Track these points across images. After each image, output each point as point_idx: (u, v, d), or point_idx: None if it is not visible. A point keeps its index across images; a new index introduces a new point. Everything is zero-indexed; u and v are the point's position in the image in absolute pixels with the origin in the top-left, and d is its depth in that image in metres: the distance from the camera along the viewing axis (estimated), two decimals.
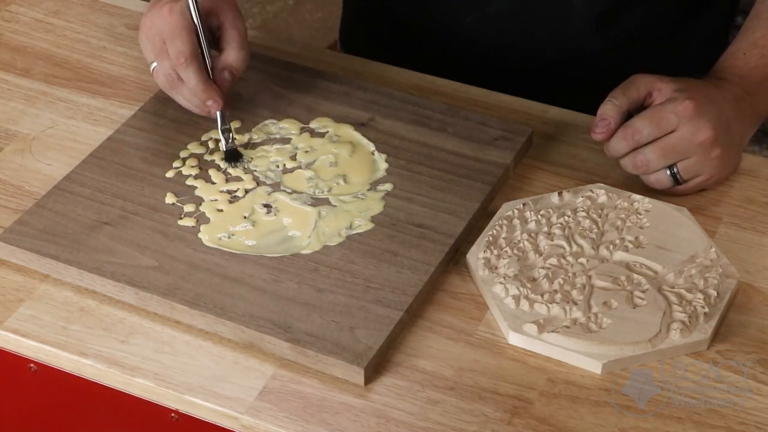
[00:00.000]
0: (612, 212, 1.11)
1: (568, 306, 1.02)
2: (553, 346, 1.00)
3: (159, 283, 1.03)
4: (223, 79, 1.15)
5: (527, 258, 1.07)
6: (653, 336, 1.00)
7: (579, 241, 1.08)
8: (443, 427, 0.96)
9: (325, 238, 1.08)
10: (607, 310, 1.02)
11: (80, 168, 1.15)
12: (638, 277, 1.05)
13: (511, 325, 1.02)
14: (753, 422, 0.96)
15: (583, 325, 1.01)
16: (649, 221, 1.10)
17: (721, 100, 1.11)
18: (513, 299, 1.03)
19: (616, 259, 1.07)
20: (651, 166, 1.11)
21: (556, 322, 1.01)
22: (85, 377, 1.02)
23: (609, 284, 1.04)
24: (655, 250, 1.07)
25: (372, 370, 0.99)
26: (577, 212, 1.11)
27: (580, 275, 1.05)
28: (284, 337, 0.99)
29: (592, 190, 1.13)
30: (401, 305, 1.02)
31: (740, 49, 1.16)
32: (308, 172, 1.15)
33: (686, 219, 1.10)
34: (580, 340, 1.00)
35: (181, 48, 1.12)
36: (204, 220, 1.10)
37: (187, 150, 1.17)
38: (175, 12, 1.12)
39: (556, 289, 1.03)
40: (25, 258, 1.07)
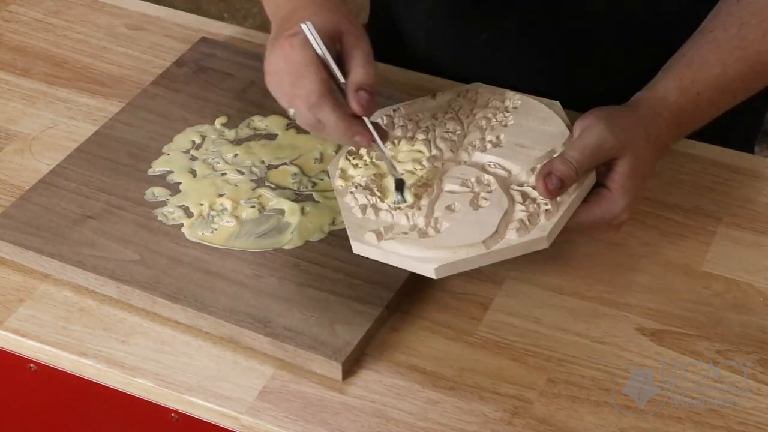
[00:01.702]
0: (480, 112, 1.08)
1: (411, 212, 0.99)
2: (390, 253, 0.97)
3: (141, 277, 1.04)
4: (360, 99, 1.00)
5: (382, 166, 1.04)
6: (488, 237, 0.96)
7: (439, 145, 1.06)
8: (443, 427, 0.96)
9: (308, 233, 1.08)
10: (449, 213, 0.99)
11: (66, 162, 1.15)
12: (488, 178, 1.02)
13: (353, 235, 0.99)
14: (753, 422, 0.96)
15: (421, 230, 0.98)
16: (515, 118, 1.07)
17: (650, 163, 1.05)
18: (360, 208, 1.01)
19: (474, 160, 1.04)
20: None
21: (396, 230, 0.99)
22: (85, 377, 1.02)
23: (457, 187, 1.01)
24: (513, 148, 1.04)
25: (350, 365, 0.99)
26: (446, 114, 1.08)
27: (432, 180, 1.02)
28: (263, 332, 0.99)
29: (468, 89, 1.11)
30: (381, 301, 1.02)
31: (680, 86, 1.09)
32: (293, 168, 1.15)
33: (553, 114, 1.07)
34: (415, 246, 0.97)
35: (310, 88, 0.99)
36: (187, 214, 1.10)
37: (173, 145, 1.18)
38: (296, 47, 1.00)
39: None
40: (9, 251, 1.07)
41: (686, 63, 1.09)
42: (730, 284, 1.08)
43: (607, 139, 1.02)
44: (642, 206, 1.14)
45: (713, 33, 1.10)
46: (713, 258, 1.10)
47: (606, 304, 1.06)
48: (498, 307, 1.05)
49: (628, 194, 1.03)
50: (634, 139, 1.03)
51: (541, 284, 1.07)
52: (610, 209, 1.03)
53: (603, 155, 1.02)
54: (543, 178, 1.00)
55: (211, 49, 1.30)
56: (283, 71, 1.01)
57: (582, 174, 1.01)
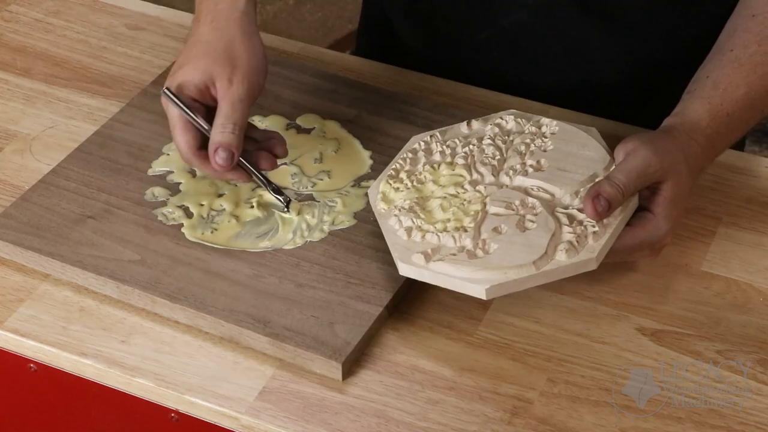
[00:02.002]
0: (518, 138, 1.09)
1: (458, 234, 1.00)
2: (439, 274, 0.98)
3: (141, 277, 1.04)
4: (218, 160, 1.05)
5: (424, 189, 1.05)
6: (538, 258, 0.97)
7: (480, 169, 1.06)
8: (443, 427, 0.96)
9: (308, 233, 1.08)
10: (497, 235, 1.00)
11: (66, 162, 1.15)
12: (533, 201, 1.02)
13: (401, 257, 1.00)
14: (753, 422, 0.96)
15: (470, 251, 0.99)
16: (554, 144, 1.07)
17: (690, 187, 1.06)
18: (405, 231, 1.02)
19: (515, 184, 1.05)
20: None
21: (444, 251, 0.99)
22: (85, 377, 1.02)
23: (502, 210, 1.02)
24: (554, 172, 1.05)
25: (350, 365, 0.99)
26: (483, 140, 1.08)
27: (476, 203, 1.03)
28: (263, 332, 0.99)
29: (502, 117, 1.11)
30: (381, 301, 1.02)
31: (710, 110, 1.09)
32: (292, 168, 1.15)
33: (592, 139, 1.08)
34: (464, 267, 0.97)
35: (180, 147, 1.07)
36: (187, 214, 1.10)
37: (173, 145, 1.17)
38: (167, 107, 1.07)
39: (449, 218, 1.02)
40: (9, 251, 1.07)
41: (712, 85, 1.09)
42: (730, 284, 1.08)
43: (652, 163, 1.02)
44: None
45: (734, 52, 1.10)
46: (713, 258, 1.10)
47: (606, 304, 1.06)
48: (498, 307, 1.05)
49: (671, 218, 1.04)
50: (676, 163, 1.04)
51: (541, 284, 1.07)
52: (654, 233, 1.03)
53: (648, 178, 1.03)
54: (591, 200, 1.01)
55: None
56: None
57: (628, 196, 1.02)
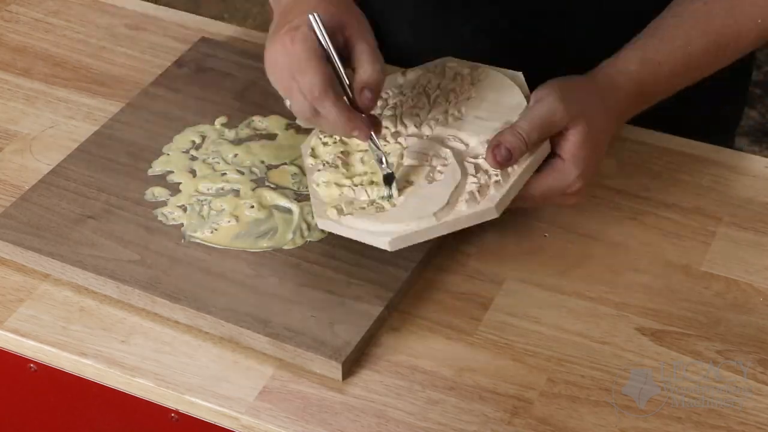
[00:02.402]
0: (449, 85, 1.09)
1: (371, 188, 1.02)
2: (349, 228, 1.00)
3: (140, 277, 1.04)
4: (364, 99, 1.01)
5: (351, 143, 1.07)
6: (439, 209, 0.99)
7: (404, 120, 1.07)
8: (443, 427, 0.96)
9: (308, 233, 1.08)
10: (406, 187, 1.01)
11: (66, 162, 1.15)
12: (446, 151, 1.03)
13: (318, 212, 1.02)
14: (753, 422, 0.96)
15: (378, 205, 1.00)
16: (477, 91, 1.08)
17: (606, 131, 1.06)
18: (324, 185, 1.03)
19: (435, 134, 1.06)
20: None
21: (356, 204, 1.01)
22: (85, 377, 1.02)
23: (416, 162, 1.03)
24: (472, 120, 1.06)
25: (350, 365, 0.99)
26: (413, 89, 1.09)
27: (394, 155, 1.04)
28: (263, 332, 0.99)
29: (437, 64, 1.12)
30: (381, 301, 1.02)
31: (642, 56, 1.10)
32: (293, 168, 1.15)
33: (514, 85, 1.08)
34: (371, 220, 1.00)
35: (312, 81, 0.99)
36: (187, 214, 1.10)
37: (173, 145, 1.18)
38: (297, 41, 1.00)
39: (366, 171, 1.03)
40: (9, 251, 1.07)
41: (650, 34, 1.10)
42: (730, 284, 1.08)
43: (557, 110, 1.03)
44: (642, 206, 1.14)
45: (679, 7, 1.11)
46: (713, 258, 1.10)
47: (606, 304, 1.06)
48: (498, 307, 1.05)
49: (581, 163, 1.04)
50: (587, 108, 1.04)
51: (541, 284, 1.07)
52: (563, 178, 1.04)
53: (553, 126, 1.03)
54: (492, 150, 1.02)
55: (211, 49, 1.30)
56: (283, 64, 1.02)
57: (531, 145, 1.02)
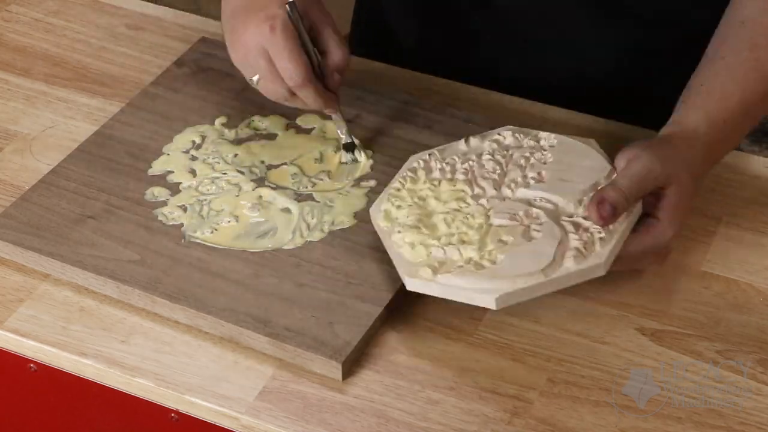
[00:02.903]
0: (517, 152, 1.09)
1: (463, 247, 1.01)
2: (448, 287, 0.99)
3: (141, 277, 1.04)
4: (336, 81, 1.12)
5: (427, 206, 1.06)
6: (546, 265, 0.98)
7: (481, 184, 1.06)
8: (443, 427, 0.96)
9: (308, 233, 1.08)
10: (503, 245, 1.00)
11: (66, 162, 1.15)
12: (537, 211, 1.03)
13: (407, 271, 1.00)
14: (753, 422, 0.96)
15: (477, 263, 0.99)
16: (554, 156, 1.08)
17: (692, 193, 1.07)
18: (409, 246, 1.02)
19: (518, 196, 1.05)
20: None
21: (450, 264, 1.00)
22: (85, 377, 1.02)
23: (506, 221, 1.02)
24: (556, 183, 1.05)
25: (350, 365, 0.99)
26: (482, 156, 1.09)
27: (479, 216, 1.03)
28: (263, 332, 0.99)
29: (500, 132, 1.12)
30: (381, 301, 1.02)
31: (706, 118, 1.09)
32: (292, 168, 1.15)
33: (591, 150, 1.08)
34: (473, 278, 0.98)
35: (295, 70, 1.07)
36: (187, 214, 1.10)
37: (173, 145, 1.18)
38: (278, 30, 1.07)
39: (453, 232, 1.02)
40: (9, 251, 1.07)
41: (707, 93, 1.10)
42: (730, 284, 1.08)
43: (654, 168, 1.03)
44: None
45: (725, 60, 1.11)
46: (713, 258, 1.10)
47: (606, 304, 1.05)
48: None
49: (676, 224, 1.04)
50: (678, 169, 1.04)
51: None
52: (660, 238, 1.03)
53: (651, 183, 1.03)
54: (596, 205, 1.01)
55: (211, 49, 1.30)
56: (259, 48, 1.08)
57: (632, 201, 1.02)
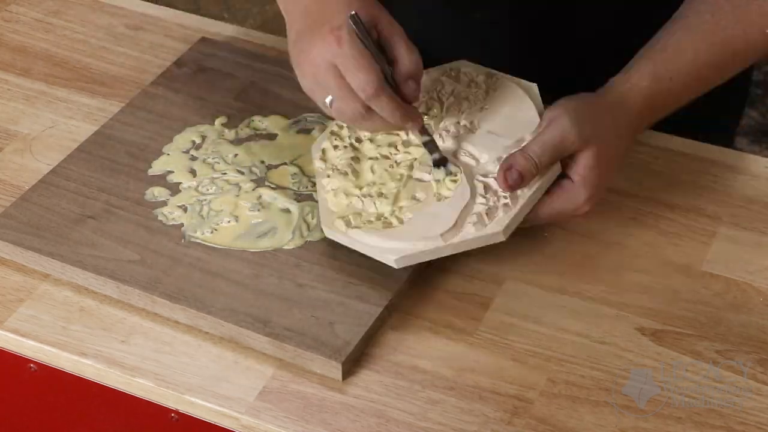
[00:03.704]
0: (464, 91, 1.09)
1: (379, 201, 1.01)
2: (356, 241, 1.00)
3: (141, 277, 1.04)
4: (410, 90, 1.03)
5: (362, 148, 1.06)
6: (446, 230, 0.99)
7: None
8: (443, 427, 0.96)
9: (308, 233, 1.08)
10: (414, 203, 1.01)
11: (66, 162, 1.15)
12: (456, 167, 1.03)
13: (325, 220, 1.02)
14: (753, 422, 0.96)
15: (386, 220, 1.00)
16: (491, 103, 1.08)
17: (617, 151, 1.06)
18: (333, 193, 1.03)
19: (446, 146, 1.05)
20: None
21: (364, 217, 1.01)
22: (85, 377, 1.02)
23: (426, 176, 1.03)
24: (484, 135, 1.05)
25: (350, 365, 0.99)
26: (428, 94, 1.08)
27: (404, 166, 1.03)
28: (263, 332, 0.99)
29: (451, 67, 1.11)
30: (381, 301, 1.02)
31: (653, 72, 1.09)
32: (293, 168, 1.15)
33: (527, 99, 1.08)
34: (377, 236, 0.99)
35: (367, 80, 1.00)
36: (187, 214, 1.10)
37: (173, 145, 1.18)
38: (345, 41, 1.00)
39: (375, 181, 1.03)
40: (9, 251, 1.07)
41: (660, 49, 1.10)
42: (730, 284, 1.08)
43: (569, 134, 1.03)
44: (642, 206, 1.14)
45: (687, 19, 1.11)
46: (713, 258, 1.10)
47: (606, 304, 1.06)
48: (498, 307, 1.05)
49: (590, 185, 1.04)
50: (598, 130, 1.04)
51: (541, 284, 1.07)
52: (572, 200, 1.05)
53: (565, 149, 1.04)
54: (504, 173, 1.02)
55: (211, 49, 1.30)
56: (328, 65, 1.01)
57: (543, 168, 1.03)
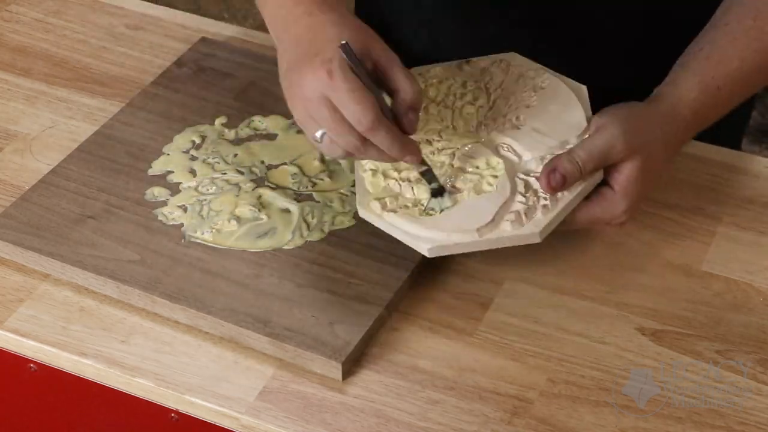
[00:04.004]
0: (510, 86, 1.08)
1: (417, 186, 1.01)
2: (391, 226, 1.00)
3: (141, 277, 1.04)
4: (410, 122, 0.99)
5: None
6: (483, 225, 0.98)
7: (458, 121, 1.06)
8: (443, 427, 0.96)
9: (308, 233, 1.08)
10: (453, 193, 1.01)
11: (66, 162, 1.16)
12: (498, 161, 1.02)
13: (360, 200, 1.02)
14: (753, 422, 0.96)
15: (422, 207, 1.00)
16: (539, 101, 1.07)
17: (662, 163, 1.06)
18: (371, 172, 1.03)
19: (490, 138, 1.05)
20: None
21: (401, 200, 1.01)
22: (85, 377, 1.02)
23: (466, 166, 1.02)
24: (529, 132, 1.05)
25: (350, 365, 0.99)
26: (476, 83, 1.08)
27: (445, 154, 1.03)
28: (263, 332, 1.00)
29: (501, 59, 1.11)
30: (381, 301, 1.02)
31: (700, 82, 1.08)
32: (293, 167, 1.15)
33: (576, 100, 1.07)
34: (413, 223, 0.99)
35: (363, 112, 0.94)
36: (187, 214, 1.10)
37: (173, 145, 1.18)
38: (337, 74, 0.94)
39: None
40: (9, 251, 1.07)
41: (705, 57, 1.09)
42: (730, 284, 1.08)
43: (617, 144, 1.02)
44: (642, 206, 1.14)
45: (729, 26, 1.10)
46: (713, 258, 1.10)
47: (606, 304, 1.06)
48: (498, 307, 1.05)
49: (631, 197, 1.03)
50: (647, 143, 1.03)
51: (541, 284, 1.07)
52: (611, 210, 1.03)
53: (610, 158, 1.02)
54: (547, 174, 1.01)
55: (211, 49, 1.30)
56: (320, 98, 0.96)
57: (586, 174, 1.01)
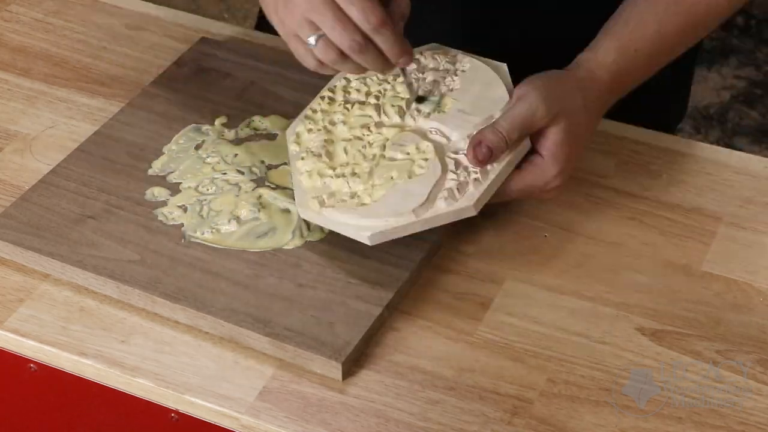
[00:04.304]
0: (431, 75, 1.10)
1: (352, 179, 1.03)
2: (331, 221, 1.02)
3: (141, 277, 1.04)
4: (400, 30, 1.03)
5: (335, 131, 1.08)
6: (418, 206, 1.00)
7: (387, 111, 1.08)
8: (443, 427, 0.96)
9: (308, 233, 1.08)
10: (387, 182, 1.02)
11: (66, 162, 1.15)
12: (426, 145, 1.04)
13: (300, 201, 1.04)
14: (753, 422, 0.96)
15: (359, 198, 1.02)
16: (462, 83, 1.09)
17: (587, 127, 1.07)
18: (307, 174, 1.05)
19: (417, 125, 1.07)
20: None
21: (338, 195, 1.02)
22: (85, 377, 1.02)
23: (398, 155, 1.04)
24: (454, 114, 1.06)
25: (350, 365, 0.99)
26: (399, 77, 1.10)
27: (376, 146, 1.05)
28: (263, 332, 0.99)
29: (421, 52, 1.12)
30: (381, 301, 1.02)
31: (618, 46, 1.10)
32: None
33: (497, 78, 1.09)
34: (351, 214, 1.01)
35: (372, 11, 0.97)
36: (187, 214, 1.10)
37: (172, 144, 1.18)
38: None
39: (348, 162, 1.04)
40: (9, 251, 1.07)
41: (623, 22, 1.11)
42: (730, 284, 1.08)
43: (538, 109, 1.04)
44: (642, 206, 1.14)
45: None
46: (713, 258, 1.10)
47: (606, 304, 1.06)
48: (498, 307, 1.05)
49: (560, 161, 1.05)
50: (568, 106, 1.05)
51: (541, 284, 1.07)
52: (542, 175, 1.05)
53: (534, 125, 1.04)
54: (473, 148, 1.03)
55: (211, 49, 1.30)
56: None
57: (512, 143, 1.03)
